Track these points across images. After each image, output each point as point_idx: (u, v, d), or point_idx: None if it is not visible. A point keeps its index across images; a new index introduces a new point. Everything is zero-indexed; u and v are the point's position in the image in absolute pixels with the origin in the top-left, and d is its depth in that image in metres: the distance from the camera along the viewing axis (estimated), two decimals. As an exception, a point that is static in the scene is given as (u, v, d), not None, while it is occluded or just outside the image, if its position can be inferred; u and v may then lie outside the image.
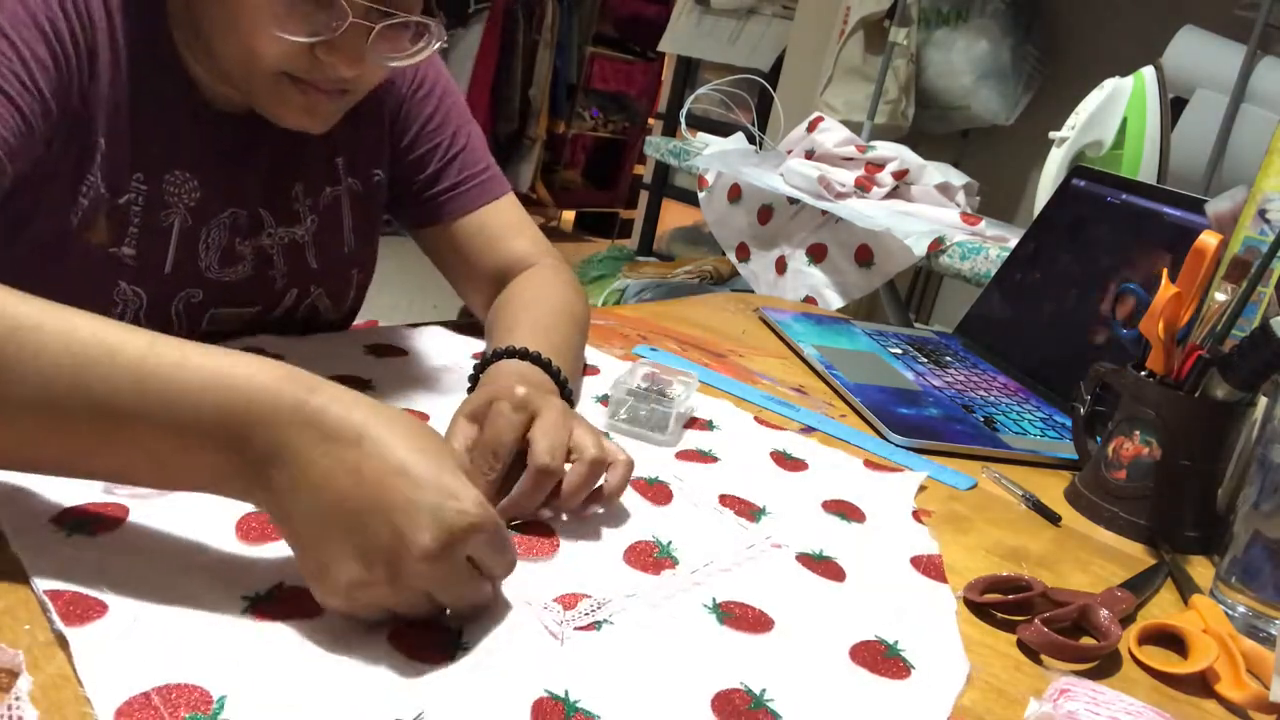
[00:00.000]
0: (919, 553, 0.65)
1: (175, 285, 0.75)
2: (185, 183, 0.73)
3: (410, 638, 0.46)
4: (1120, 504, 0.76)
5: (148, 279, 0.73)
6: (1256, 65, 1.60)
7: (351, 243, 0.87)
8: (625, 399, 0.76)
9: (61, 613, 0.43)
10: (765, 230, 1.78)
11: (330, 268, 0.86)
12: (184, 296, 0.76)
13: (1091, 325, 1.05)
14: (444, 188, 0.89)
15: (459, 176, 0.89)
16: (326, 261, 0.85)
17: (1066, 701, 0.49)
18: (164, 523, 0.52)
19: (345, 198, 0.85)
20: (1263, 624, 0.63)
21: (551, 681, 0.45)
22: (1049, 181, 1.56)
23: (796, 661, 0.50)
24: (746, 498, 0.68)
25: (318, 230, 0.83)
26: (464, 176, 0.89)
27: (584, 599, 0.51)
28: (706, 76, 3.21)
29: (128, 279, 0.72)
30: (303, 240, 0.83)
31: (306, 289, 0.85)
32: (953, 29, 2.34)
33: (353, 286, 0.89)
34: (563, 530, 0.58)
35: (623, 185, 5.92)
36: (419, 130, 0.88)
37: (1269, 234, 0.76)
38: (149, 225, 0.72)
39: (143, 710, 0.38)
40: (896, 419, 0.89)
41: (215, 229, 0.76)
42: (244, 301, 0.81)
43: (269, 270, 0.81)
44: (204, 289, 0.77)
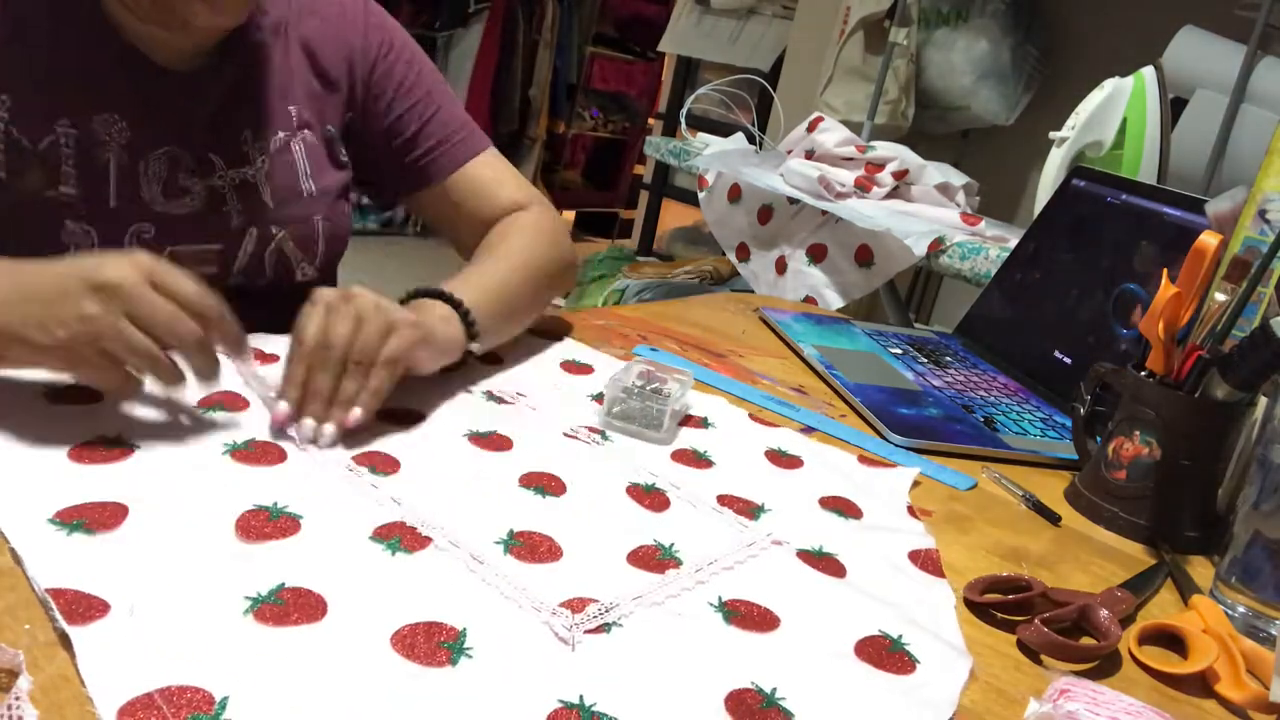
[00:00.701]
0: (916, 548, 0.65)
1: (124, 219, 0.78)
2: (115, 123, 0.77)
3: (412, 641, 0.46)
4: (1120, 504, 0.76)
5: (94, 216, 0.76)
6: (1256, 65, 1.60)
7: (310, 187, 0.88)
8: (620, 397, 0.76)
9: (64, 612, 0.43)
10: (765, 230, 1.79)
11: (288, 208, 0.86)
12: (135, 231, 0.78)
13: (1091, 325, 1.05)
14: (428, 148, 0.92)
15: (441, 135, 0.92)
16: (282, 202, 0.86)
17: (1066, 701, 0.49)
18: (164, 522, 0.52)
19: (298, 144, 0.87)
20: (1263, 624, 0.63)
21: (565, 689, 0.45)
22: (1049, 181, 1.56)
23: (804, 659, 0.51)
24: (744, 496, 0.68)
25: (271, 170, 0.85)
26: (446, 134, 0.92)
27: (592, 603, 0.51)
28: (706, 76, 3.21)
29: (72, 217, 0.75)
30: (253, 179, 0.84)
31: (267, 231, 0.85)
32: (953, 29, 2.34)
33: (319, 235, 0.89)
34: (565, 537, 0.58)
35: (623, 185, 5.92)
36: (394, 93, 0.91)
37: (1269, 234, 0.76)
38: (85, 164, 0.75)
39: (145, 710, 0.38)
40: (896, 419, 0.89)
41: (154, 162, 0.79)
42: (201, 238, 0.82)
43: (222, 206, 0.83)
44: (155, 224, 0.79)
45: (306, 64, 0.86)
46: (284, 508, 0.55)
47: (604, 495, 0.65)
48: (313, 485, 0.59)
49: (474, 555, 0.54)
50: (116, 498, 0.53)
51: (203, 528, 0.52)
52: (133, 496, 0.54)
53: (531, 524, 0.59)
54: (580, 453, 0.71)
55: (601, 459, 0.70)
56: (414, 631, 0.46)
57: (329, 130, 0.89)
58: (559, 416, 0.76)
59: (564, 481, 0.65)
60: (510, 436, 0.71)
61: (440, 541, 0.55)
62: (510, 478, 0.65)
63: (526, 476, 0.65)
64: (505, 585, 0.52)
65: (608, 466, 0.69)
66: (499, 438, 0.70)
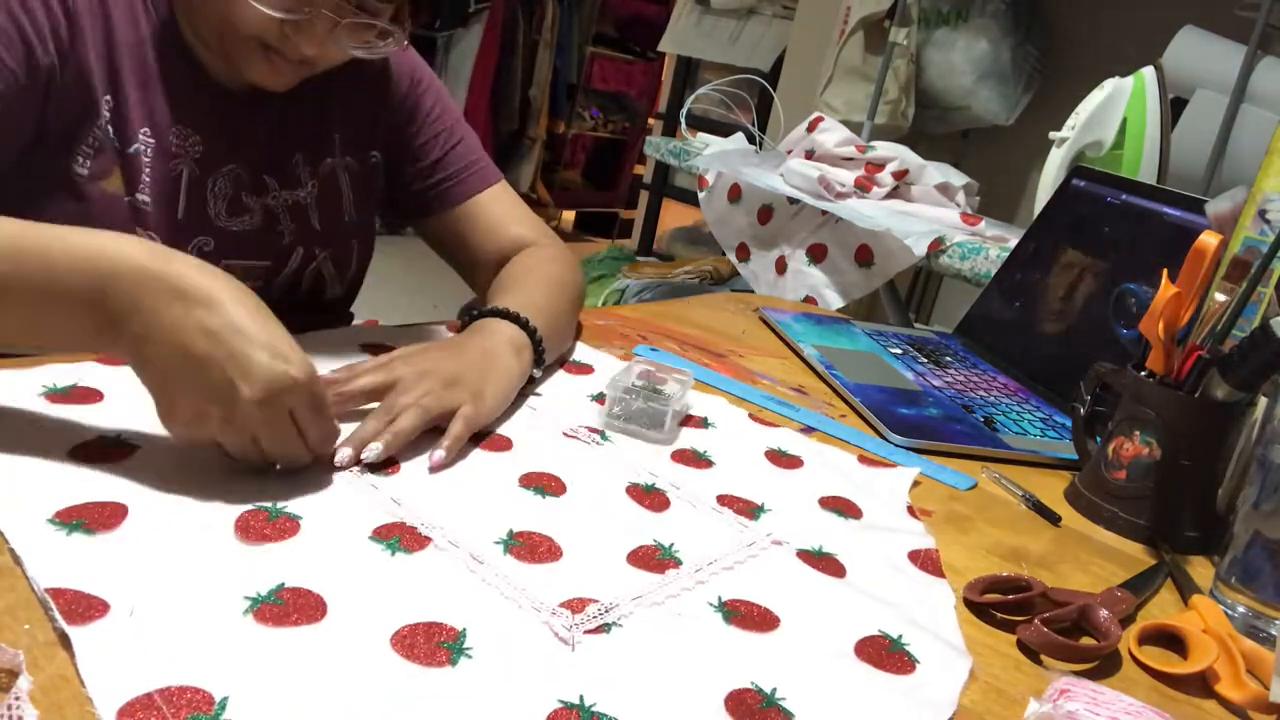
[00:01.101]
0: (916, 547, 0.65)
1: (188, 232, 0.81)
2: (189, 137, 0.80)
3: (412, 641, 0.46)
4: (1120, 504, 0.76)
5: (163, 225, 0.79)
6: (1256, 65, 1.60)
7: (351, 214, 0.93)
8: (621, 397, 0.76)
9: (63, 611, 0.43)
10: (765, 230, 1.78)
11: (333, 232, 0.91)
12: (197, 244, 0.81)
13: (1091, 325, 1.05)
14: (447, 174, 0.97)
15: (460, 164, 0.97)
16: (329, 226, 0.90)
17: (1066, 701, 0.49)
18: (163, 522, 0.52)
19: (343, 172, 0.91)
20: (1263, 624, 0.63)
21: (564, 689, 0.45)
22: (1049, 181, 1.56)
23: (804, 659, 0.51)
24: (744, 496, 0.68)
25: (319, 195, 0.89)
26: (464, 164, 0.98)
27: (591, 603, 0.51)
28: (706, 76, 3.21)
29: (143, 225, 0.78)
30: (305, 202, 0.88)
31: (312, 251, 0.90)
32: (953, 29, 2.34)
33: (354, 257, 0.94)
34: (565, 537, 0.58)
35: (623, 185, 5.92)
36: (422, 120, 0.96)
37: (1269, 234, 0.76)
38: (159, 174, 0.78)
39: (145, 711, 0.38)
40: (896, 419, 0.89)
41: (221, 179, 0.82)
42: (254, 254, 0.85)
43: (276, 225, 0.87)
44: (214, 238, 0.82)
45: (353, 92, 0.90)
46: (283, 508, 0.55)
47: (604, 495, 0.65)
48: (312, 485, 0.59)
49: (474, 555, 0.54)
50: (116, 498, 0.53)
51: (202, 528, 0.52)
52: (132, 496, 0.53)
53: (531, 524, 0.59)
54: (580, 453, 0.71)
55: (601, 459, 0.70)
56: (414, 632, 0.46)
57: (374, 157, 0.94)
58: (559, 416, 0.76)
59: (564, 481, 0.65)
60: (510, 437, 0.71)
61: (440, 541, 0.55)
62: (510, 478, 0.65)
63: (526, 476, 0.65)
64: (505, 585, 0.52)
65: (608, 467, 0.69)
66: (499, 438, 0.70)
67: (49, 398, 0.64)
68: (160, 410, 0.56)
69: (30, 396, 0.63)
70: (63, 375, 0.66)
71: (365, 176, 0.94)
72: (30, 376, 0.66)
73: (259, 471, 0.59)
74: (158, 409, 0.56)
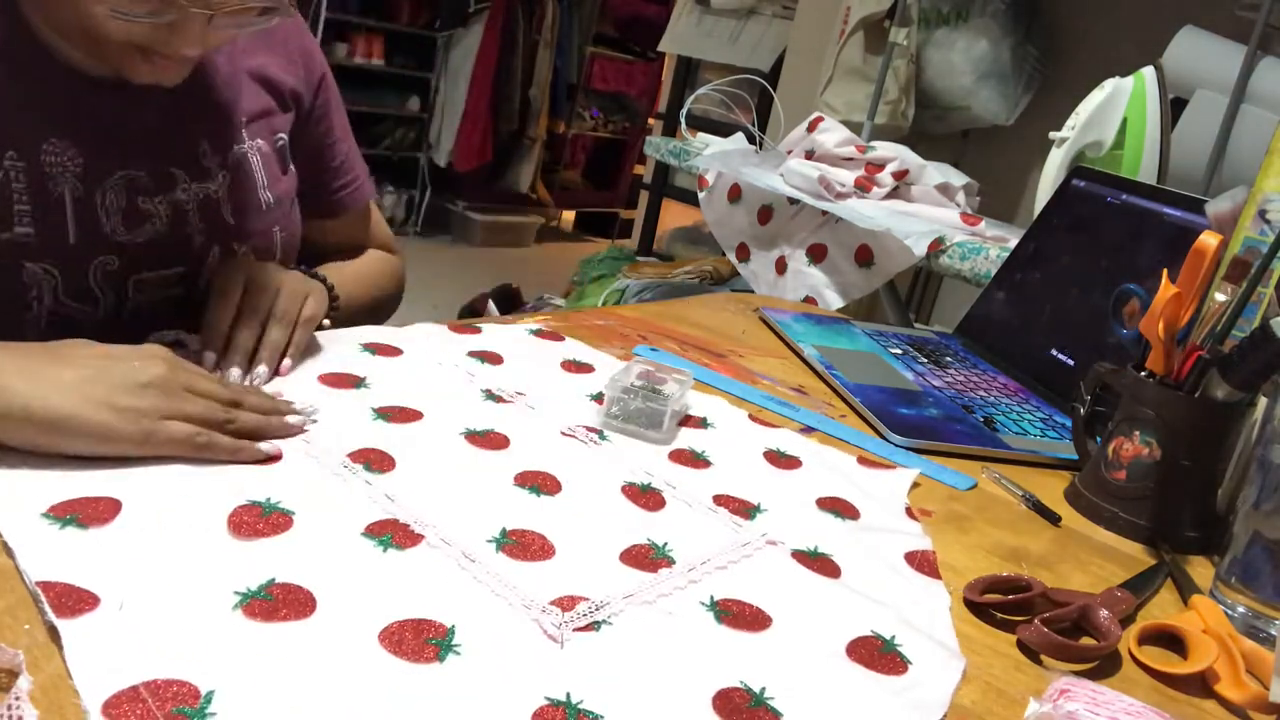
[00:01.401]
0: (913, 549, 0.65)
1: (85, 254, 0.74)
2: (64, 151, 0.72)
3: (400, 637, 0.46)
4: (1120, 504, 0.76)
5: (54, 254, 0.72)
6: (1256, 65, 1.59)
7: (268, 199, 0.87)
8: (620, 397, 0.76)
9: (53, 604, 0.43)
10: (765, 230, 1.78)
11: (249, 223, 0.85)
12: (99, 265, 0.75)
13: (1091, 325, 1.05)
14: (348, 180, 0.99)
15: (358, 170, 1.00)
16: (244, 218, 0.84)
17: (1066, 701, 0.48)
18: (156, 517, 0.51)
19: (255, 154, 0.86)
20: (1262, 624, 0.62)
21: (552, 685, 0.44)
22: (1049, 182, 1.56)
23: (794, 659, 0.50)
24: (741, 496, 0.68)
25: (231, 186, 0.83)
26: (359, 171, 1.00)
27: (582, 601, 0.51)
28: (706, 76, 3.21)
29: (32, 259, 0.71)
30: (217, 195, 0.82)
31: (229, 247, 0.83)
32: (953, 29, 2.34)
33: (277, 246, 0.88)
34: (558, 535, 0.58)
35: (623, 185, 5.92)
36: (329, 122, 0.95)
37: (1269, 234, 0.76)
38: (39, 201, 0.71)
39: (130, 703, 0.38)
40: (896, 419, 0.89)
41: (111, 191, 0.75)
42: (164, 263, 0.79)
43: (184, 228, 0.80)
44: (117, 255, 0.76)
45: (253, 77, 0.86)
46: (276, 504, 0.55)
47: (599, 494, 0.64)
48: (305, 482, 0.59)
49: (465, 553, 0.54)
50: (109, 493, 0.53)
51: (194, 523, 0.52)
52: (126, 491, 0.53)
53: (525, 522, 0.58)
54: (577, 452, 0.70)
55: (599, 458, 0.70)
56: (402, 628, 0.46)
57: (280, 139, 0.89)
58: (557, 416, 0.76)
59: (559, 480, 0.65)
60: (507, 435, 0.70)
61: (432, 539, 0.54)
62: (505, 476, 0.64)
63: (522, 475, 0.65)
64: (495, 583, 0.51)
65: (604, 466, 0.69)
66: (496, 436, 0.70)
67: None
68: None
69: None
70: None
71: (276, 155, 0.88)
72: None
73: (254, 467, 0.58)
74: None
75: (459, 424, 0.71)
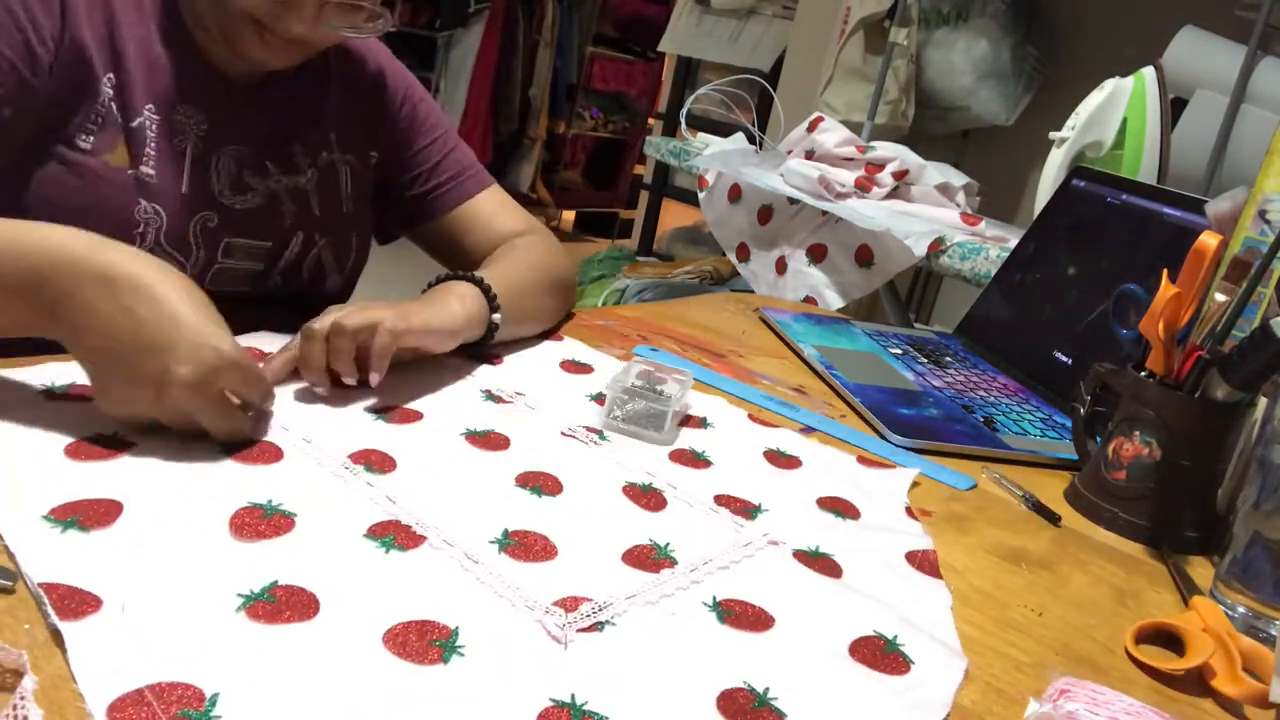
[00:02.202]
0: (914, 548, 0.65)
1: (192, 206, 0.82)
2: (193, 115, 0.83)
3: (404, 639, 0.46)
4: (1120, 504, 0.76)
5: (166, 198, 0.81)
6: (1256, 65, 1.59)
7: (349, 206, 0.95)
8: (621, 398, 0.76)
9: (56, 607, 0.43)
10: (765, 230, 1.78)
11: (332, 221, 0.93)
12: (200, 219, 0.83)
13: (1091, 325, 1.05)
14: (444, 180, 1.00)
15: (455, 170, 1.01)
16: (328, 214, 0.92)
17: (1066, 701, 0.49)
18: (158, 520, 0.52)
19: (342, 165, 0.94)
20: (1262, 624, 0.62)
21: (556, 687, 0.44)
22: (1049, 182, 1.56)
23: (797, 659, 0.50)
24: (742, 496, 0.68)
25: (319, 182, 0.92)
26: (459, 170, 1.01)
27: (585, 602, 0.51)
28: (707, 76, 3.21)
29: (148, 197, 0.79)
30: (306, 188, 0.91)
31: (312, 237, 0.91)
32: (953, 29, 2.34)
33: (352, 250, 0.96)
34: (560, 536, 0.58)
35: (623, 185, 5.92)
36: (418, 129, 1.00)
37: (1269, 234, 0.76)
38: (164, 149, 0.81)
39: (135, 706, 0.38)
40: (896, 419, 0.89)
41: (224, 158, 0.85)
42: (256, 233, 0.87)
43: (279, 206, 0.89)
44: (218, 214, 0.84)
45: (348, 98, 0.94)
46: (278, 505, 0.55)
47: (600, 495, 0.65)
48: (307, 483, 0.59)
49: (468, 554, 0.54)
50: (111, 495, 0.53)
51: (197, 525, 0.52)
52: (127, 493, 0.53)
53: (527, 523, 0.59)
54: (578, 452, 0.71)
55: (599, 459, 0.70)
56: (406, 630, 0.46)
57: (372, 157, 0.97)
58: (557, 416, 0.76)
59: (560, 481, 0.65)
60: (508, 436, 0.71)
61: (434, 540, 0.55)
62: (506, 477, 0.64)
63: (523, 476, 0.65)
64: (498, 584, 0.51)
65: (605, 466, 0.69)
66: (496, 437, 0.70)
67: (46, 396, 0.64)
68: (95, 390, 0.59)
69: (28, 395, 0.63)
70: (60, 374, 0.66)
71: (363, 174, 0.96)
72: (28, 375, 0.66)
73: (255, 469, 0.59)
74: (93, 389, 0.59)
75: (459, 424, 0.71)
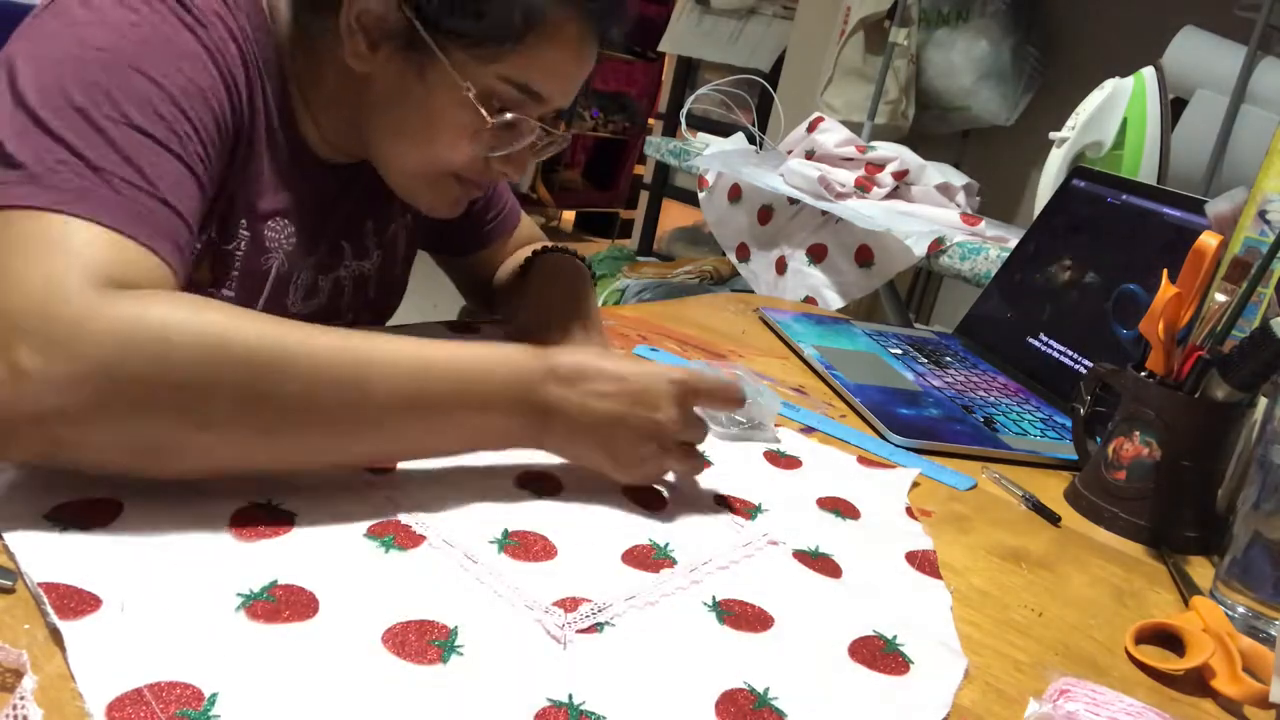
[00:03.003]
0: (914, 548, 0.65)
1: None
2: (284, 229, 0.76)
3: (403, 638, 0.46)
4: (1120, 504, 0.76)
5: None
6: (1256, 66, 1.59)
7: (402, 275, 0.93)
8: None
9: (56, 606, 0.43)
10: (765, 230, 1.78)
11: (385, 301, 0.91)
12: None
13: (1091, 325, 1.05)
14: (492, 215, 0.99)
15: (499, 205, 1.00)
16: (383, 294, 0.90)
17: (1066, 702, 0.49)
18: (158, 519, 0.51)
19: (402, 231, 0.91)
20: (1262, 624, 0.62)
21: (554, 687, 0.44)
22: (1049, 182, 1.56)
23: (797, 659, 0.50)
24: (742, 496, 0.68)
25: (380, 263, 0.88)
26: (502, 204, 1.00)
27: (585, 602, 0.51)
28: (707, 76, 3.21)
29: None
30: (369, 273, 0.87)
31: (361, 316, 0.89)
32: (953, 29, 2.34)
33: (388, 311, 0.94)
34: (560, 536, 0.58)
35: (623, 185, 5.92)
36: None
37: (1269, 235, 0.76)
38: (249, 269, 0.74)
39: (134, 705, 0.38)
40: (896, 419, 0.89)
41: (305, 270, 0.79)
42: None
43: (339, 303, 0.85)
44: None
45: None
46: (278, 505, 0.55)
47: (600, 495, 0.65)
48: (308, 483, 0.59)
49: (468, 554, 0.54)
50: (111, 494, 0.53)
51: (197, 524, 0.52)
52: (126, 494, 0.53)
53: (527, 523, 0.59)
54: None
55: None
56: (405, 629, 0.46)
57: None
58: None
59: (561, 481, 0.65)
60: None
61: (434, 540, 0.55)
62: (507, 477, 0.64)
63: (523, 476, 0.65)
64: (498, 584, 0.51)
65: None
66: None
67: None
68: (616, 473, 0.63)
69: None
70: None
71: (414, 231, 0.93)
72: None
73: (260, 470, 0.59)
74: (614, 473, 0.63)
75: (460, 425, 0.71)
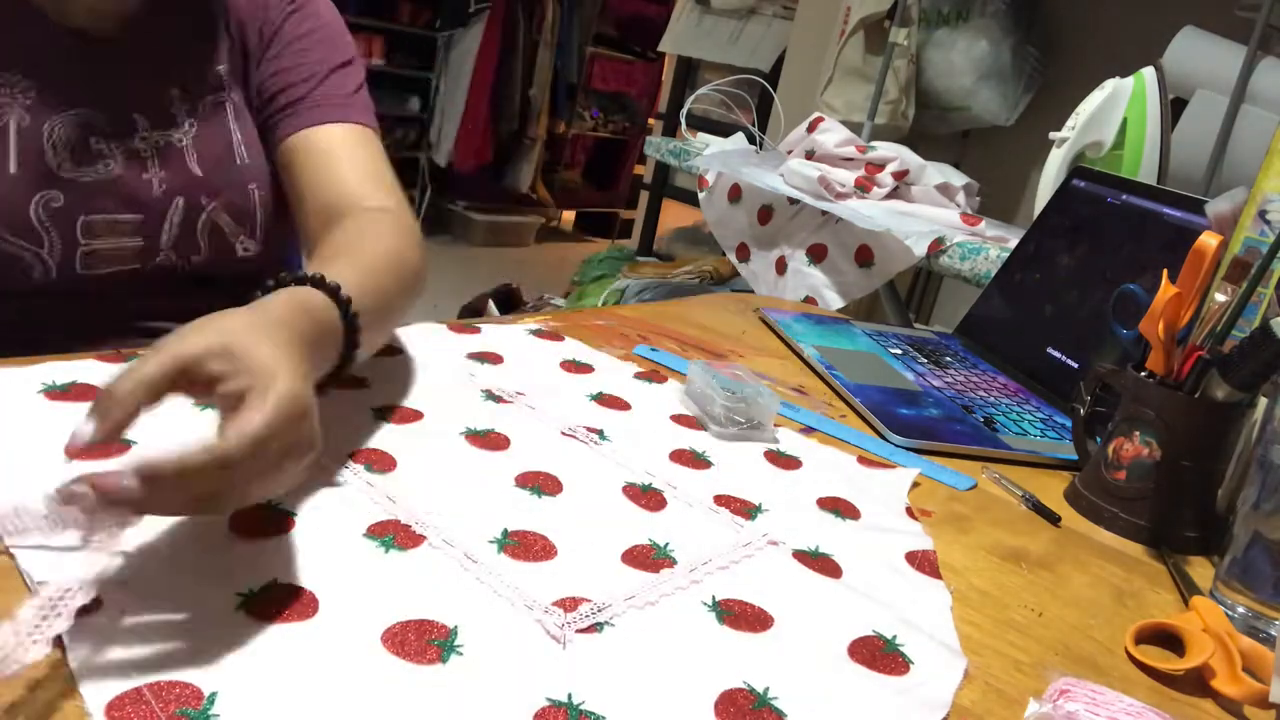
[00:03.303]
0: (913, 548, 0.65)
1: (27, 186, 0.73)
2: (16, 84, 0.72)
3: (403, 638, 0.46)
4: (1120, 504, 0.76)
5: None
6: (1256, 65, 1.59)
7: (243, 155, 0.84)
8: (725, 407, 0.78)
9: (55, 609, 0.43)
10: (765, 230, 1.78)
11: (220, 178, 0.81)
12: (41, 199, 0.74)
13: (1091, 325, 1.05)
14: (291, 100, 0.85)
15: (306, 92, 0.85)
16: (214, 171, 0.81)
17: (1066, 702, 0.49)
18: (158, 518, 0.51)
19: (230, 107, 0.83)
20: (1262, 624, 0.62)
21: (554, 687, 0.44)
22: (1049, 182, 1.56)
23: (797, 659, 0.50)
24: (742, 496, 0.68)
25: (198, 136, 0.80)
26: (312, 94, 0.85)
27: (585, 602, 0.51)
28: (707, 76, 3.21)
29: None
30: (180, 143, 0.80)
31: (196, 200, 0.81)
32: (953, 29, 2.34)
33: (255, 206, 0.84)
34: (560, 536, 0.58)
35: (623, 185, 5.93)
36: (285, 46, 0.86)
37: (1269, 235, 0.76)
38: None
39: (134, 705, 0.38)
40: (896, 419, 0.89)
41: (60, 126, 0.74)
42: (117, 207, 0.77)
43: (142, 173, 0.78)
44: (63, 191, 0.75)
45: (233, 26, 0.83)
46: (278, 504, 0.55)
47: (600, 494, 0.65)
48: (308, 483, 0.58)
49: (467, 554, 0.54)
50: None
51: (196, 523, 0.52)
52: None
53: (526, 523, 0.59)
54: (578, 452, 0.70)
55: (599, 459, 0.70)
56: (404, 629, 0.46)
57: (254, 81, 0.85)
58: (558, 416, 0.76)
59: (560, 481, 0.65)
60: (508, 435, 0.71)
61: (434, 539, 0.55)
62: (506, 477, 0.64)
63: (523, 476, 0.65)
64: (498, 584, 0.51)
65: (605, 466, 0.69)
66: (496, 436, 0.70)
67: (48, 395, 0.63)
68: None
69: (29, 394, 0.63)
70: (62, 372, 0.66)
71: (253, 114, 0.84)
72: (29, 374, 0.66)
73: None
74: None
75: (459, 424, 0.71)
